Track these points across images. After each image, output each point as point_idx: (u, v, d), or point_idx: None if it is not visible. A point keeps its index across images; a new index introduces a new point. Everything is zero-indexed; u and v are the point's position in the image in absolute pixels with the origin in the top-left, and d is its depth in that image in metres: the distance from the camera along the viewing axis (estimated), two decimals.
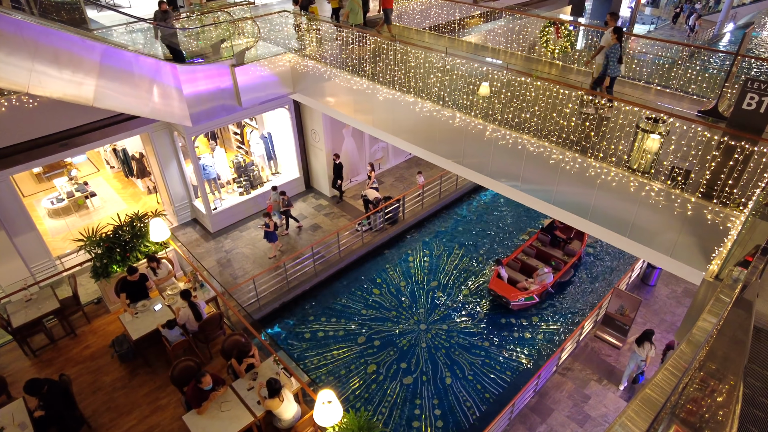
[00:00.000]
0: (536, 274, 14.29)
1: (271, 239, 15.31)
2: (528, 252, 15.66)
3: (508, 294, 13.72)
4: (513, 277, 14.69)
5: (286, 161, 18.80)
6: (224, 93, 13.37)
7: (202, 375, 7.27)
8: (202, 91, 12.86)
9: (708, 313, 4.36)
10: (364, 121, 12.53)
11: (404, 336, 13.75)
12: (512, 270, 15.10)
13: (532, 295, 13.87)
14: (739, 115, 6.58)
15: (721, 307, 4.22)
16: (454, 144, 10.29)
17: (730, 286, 5.28)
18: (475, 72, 9.47)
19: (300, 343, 13.67)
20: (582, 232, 15.98)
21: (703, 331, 4.17)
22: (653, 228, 7.82)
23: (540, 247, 15.78)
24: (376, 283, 15.50)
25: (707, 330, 4.16)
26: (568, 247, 15.59)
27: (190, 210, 17.57)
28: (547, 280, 14.00)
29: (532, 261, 15.33)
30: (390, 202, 16.72)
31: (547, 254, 15.54)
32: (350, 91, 12.28)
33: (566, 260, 15.21)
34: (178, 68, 12.07)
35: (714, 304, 4.48)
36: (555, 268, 14.86)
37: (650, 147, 7.40)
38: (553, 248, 15.83)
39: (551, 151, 8.50)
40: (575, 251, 15.45)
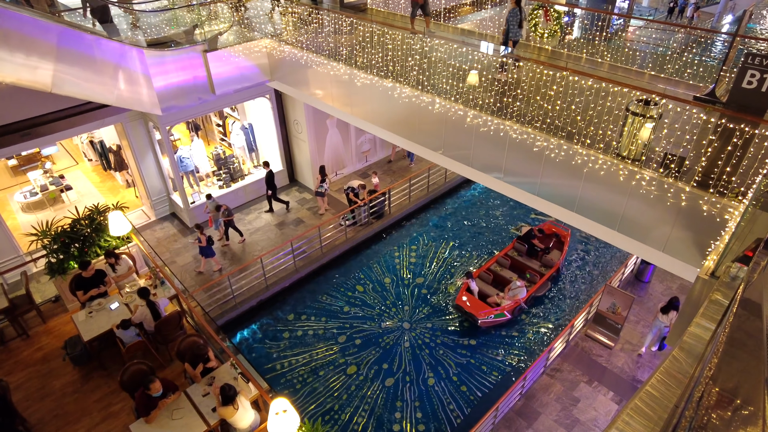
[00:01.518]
0: (508, 288, 13.06)
1: (207, 254, 13.87)
2: (502, 263, 14.36)
3: (476, 311, 12.50)
4: (484, 290, 13.42)
5: (268, 153, 18.12)
6: (197, 80, 12.68)
7: (151, 381, 6.64)
8: (172, 78, 12.17)
9: (701, 317, 3.75)
10: (342, 108, 11.88)
11: (387, 335, 13.14)
12: (483, 283, 13.81)
13: (503, 311, 12.66)
14: (739, 95, 5.94)
15: (715, 310, 3.60)
16: (434, 132, 9.65)
17: (727, 285, 4.66)
18: (454, 54, 8.82)
19: (277, 342, 13.06)
20: (562, 241, 15.10)
21: (695, 337, 3.56)
22: (644, 221, 7.20)
23: (516, 257, 14.56)
24: (359, 279, 14.88)
25: (700, 336, 3.54)
26: (546, 257, 14.34)
27: (168, 204, 16.90)
28: (519, 295, 12.77)
29: (506, 272, 14.01)
30: (375, 196, 16.07)
31: (523, 265, 14.34)
32: (328, 77, 11.61)
33: (543, 272, 13.98)
34: (146, 53, 11.38)
35: (708, 306, 3.87)
36: (530, 281, 13.66)
37: (641, 132, 6.77)
38: (529, 258, 14.56)
39: (535, 137, 7.87)
40: (553, 262, 14.22)
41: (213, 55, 12.50)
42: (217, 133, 20.06)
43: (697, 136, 6.39)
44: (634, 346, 11.89)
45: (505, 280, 13.75)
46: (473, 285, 13.06)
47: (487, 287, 13.61)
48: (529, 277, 13.78)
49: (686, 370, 3.65)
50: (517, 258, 14.53)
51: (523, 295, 12.79)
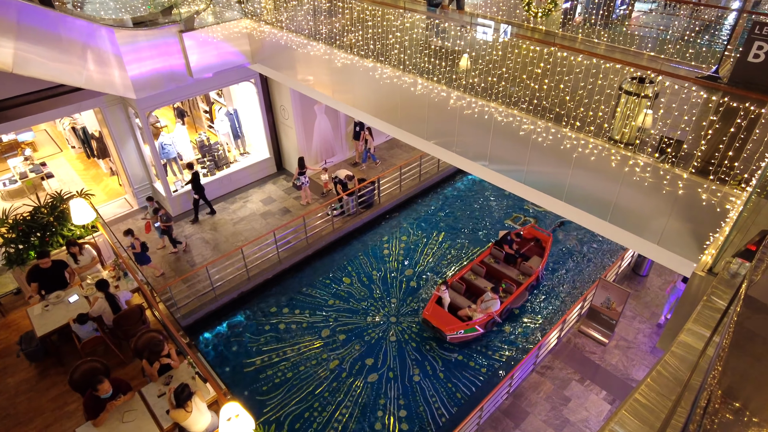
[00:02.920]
0: (481, 300, 11.93)
1: (141, 261, 12.47)
2: (477, 270, 13.27)
3: (444, 326, 11.44)
4: (455, 302, 12.26)
5: (255, 140, 17.53)
6: (173, 63, 12.08)
7: (99, 381, 6.13)
8: (146, 60, 11.57)
9: (694, 323, 3.18)
10: (323, 91, 11.26)
11: (372, 329, 12.63)
12: (455, 293, 12.61)
13: (475, 326, 11.60)
14: (744, 71, 5.32)
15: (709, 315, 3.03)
16: (416, 116, 9.04)
17: (726, 282, 4.08)
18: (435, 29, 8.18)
19: (259, 336, 12.56)
20: (543, 247, 13.97)
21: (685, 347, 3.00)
22: (638, 211, 6.61)
23: (492, 264, 13.41)
24: (346, 271, 14.34)
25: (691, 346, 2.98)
26: (524, 264, 13.09)
27: (151, 192, 16.34)
28: (493, 308, 11.64)
29: (481, 281, 12.93)
30: (364, 184, 15.48)
31: (500, 273, 13.18)
32: (308, 58, 10.99)
33: (521, 281, 12.80)
34: (116, 33, 10.77)
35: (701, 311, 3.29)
36: (506, 291, 12.50)
37: (635, 113, 6.16)
38: (507, 265, 13.36)
39: (521, 120, 7.26)
40: (532, 270, 12.96)
41: (189, 35, 11.88)
42: (205, 120, 19.47)
43: (696, 117, 5.78)
44: (629, 343, 11.35)
45: (479, 290, 12.66)
46: (445, 295, 11.99)
47: (459, 298, 12.44)
48: (504, 287, 12.58)
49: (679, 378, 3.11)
50: (493, 265, 13.38)
51: (496, 308, 11.67)
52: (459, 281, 12.95)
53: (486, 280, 13.01)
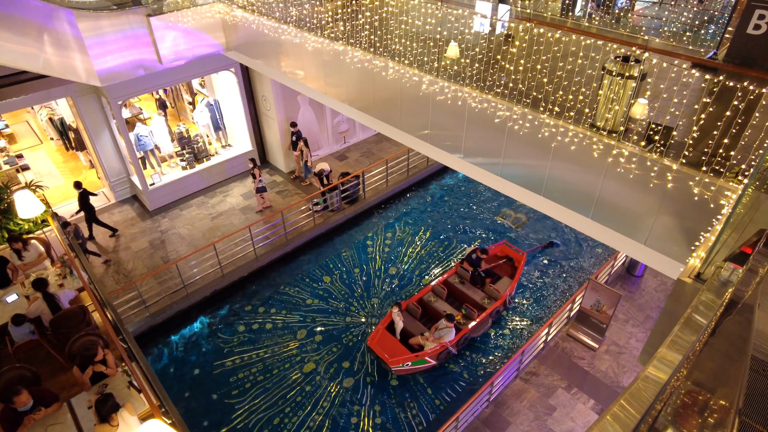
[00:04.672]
0: (435, 328, 10.65)
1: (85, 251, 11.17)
2: (438, 292, 11.90)
3: (388, 356, 10.29)
4: (408, 327, 10.99)
5: (237, 132, 16.87)
6: (141, 48, 11.41)
7: (16, 393, 5.51)
8: (111, 44, 10.91)
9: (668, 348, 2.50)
10: (294, 77, 10.58)
11: (351, 330, 11.98)
12: (410, 317, 11.34)
13: (425, 357, 10.35)
14: (742, 45, 4.61)
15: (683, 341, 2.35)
16: (388, 102, 8.36)
17: (716, 291, 3.38)
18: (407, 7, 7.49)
19: (231, 336, 11.94)
20: (515, 266, 12.62)
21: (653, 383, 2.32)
22: (623, 207, 5.92)
23: (456, 284, 12.05)
24: (327, 269, 13.69)
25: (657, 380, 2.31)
26: (491, 287, 11.74)
27: (129, 186, 15.74)
28: (446, 337, 10.34)
29: (441, 304, 11.60)
30: (347, 178, 14.81)
31: (463, 296, 11.87)
32: (279, 42, 10.31)
33: (485, 305, 11.44)
34: (75, 15, 10.10)
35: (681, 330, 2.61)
36: (466, 317, 11.16)
37: (620, 96, 5.46)
38: (473, 287, 11.97)
39: (496, 106, 6.56)
40: (499, 294, 11.59)
41: (158, 19, 11.21)
42: (189, 111, 18.82)
43: (687, 100, 5.07)
44: (621, 348, 10.66)
45: (438, 314, 11.30)
46: (398, 320, 10.78)
47: (413, 324, 11.17)
48: (464, 312, 11.28)
49: None
50: (457, 285, 12.03)
51: (450, 338, 10.39)
52: (415, 304, 11.52)
53: (447, 303, 11.69)
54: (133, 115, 18.17)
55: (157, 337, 11.88)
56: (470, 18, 6.74)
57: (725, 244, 4.52)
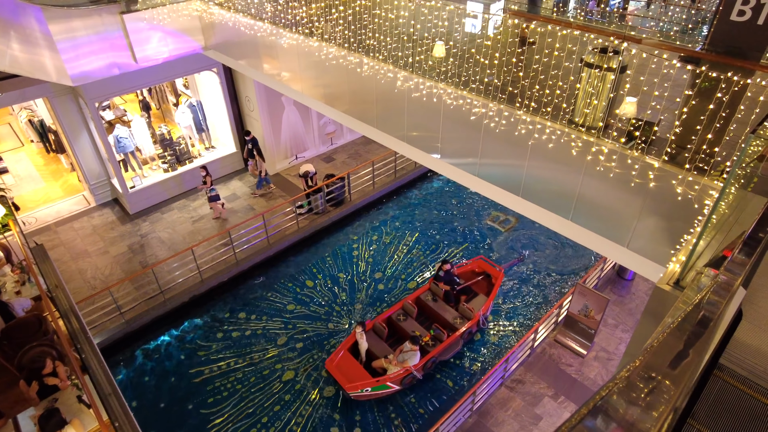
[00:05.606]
0: (400, 350, 9.96)
1: None
2: (408, 309, 11.16)
3: (345, 381, 9.67)
4: (373, 349, 10.31)
5: (220, 134, 16.52)
6: (114, 46, 11.08)
7: None
8: (82, 42, 10.58)
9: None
10: (271, 75, 10.26)
11: (334, 336, 11.61)
12: (376, 337, 10.63)
13: (387, 382, 9.68)
14: (726, 32, 4.29)
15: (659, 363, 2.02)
16: (364, 100, 8.03)
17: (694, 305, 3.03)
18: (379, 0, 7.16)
19: (209, 343, 11.56)
20: (492, 284, 11.87)
21: None
22: (604, 207, 5.59)
23: (428, 302, 11.36)
24: (311, 273, 13.32)
25: None
26: (465, 305, 11.07)
27: (110, 189, 15.36)
28: (410, 361, 9.64)
29: (410, 324, 10.89)
30: (332, 180, 14.46)
31: (435, 314, 11.18)
32: (255, 39, 9.97)
33: (457, 325, 10.72)
34: (43, 12, 9.76)
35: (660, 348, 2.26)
36: (435, 339, 10.46)
37: (599, 89, 5.13)
38: (446, 305, 11.31)
39: (471, 102, 6.23)
40: (472, 313, 10.87)
41: (132, 17, 10.88)
42: (174, 113, 18.46)
43: (668, 93, 4.75)
44: (610, 354, 10.32)
45: (406, 334, 10.56)
46: (362, 340, 10.10)
47: (378, 344, 10.45)
48: (433, 333, 10.55)
49: None
50: (429, 303, 11.32)
51: (414, 362, 9.67)
52: (382, 323, 10.76)
53: (417, 323, 10.98)
54: (117, 116, 17.80)
55: (133, 345, 11.49)
56: (443, 10, 6.42)
57: (709, 246, 4.19)
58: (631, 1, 16.85)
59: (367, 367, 10.05)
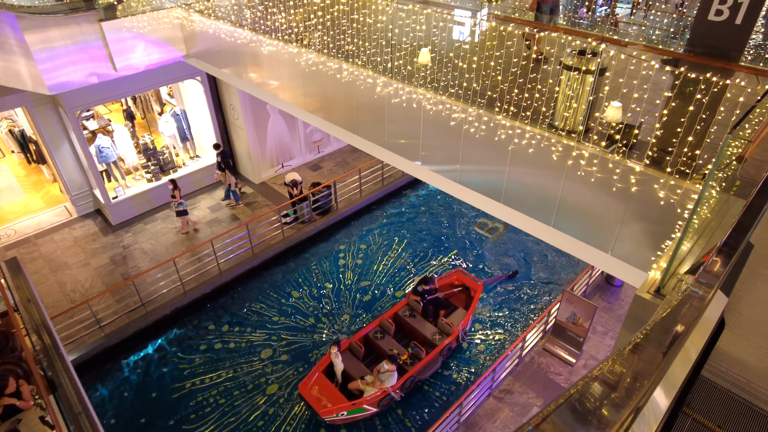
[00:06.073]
0: (377, 371, 9.55)
1: None
2: (386, 326, 10.73)
3: (319, 406, 9.27)
4: (349, 369, 9.89)
5: (205, 143, 16.31)
6: (93, 54, 10.89)
7: None
8: (60, 50, 10.40)
9: None
10: (252, 83, 10.10)
11: (319, 348, 11.37)
12: (353, 357, 10.20)
13: (363, 405, 9.29)
14: (704, 33, 4.19)
15: None
16: (345, 107, 7.89)
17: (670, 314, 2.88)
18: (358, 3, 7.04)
19: (192, 356, 11.28)
20: (471, 297, 11.47)
21: None
22: (586, 213, 5.45)
23: (406, 318, 10.96)
24: (296, 284, 13.10)
25: None
26: (444, 320, 10.68)
27: (92, 199, 15.08)
28: (387, 382, 9.20)
29: (388, 342, 10.42)
30: (318, 188, 14.29)
31: (413, 330, 10.78)
32: (236, 46, 9.83)
33: (436, 342, 10.37)
34: (18, 19, 9.57)
35: None
36: (413, 357, 10.08)
37: (579, 92, 5.01)
38: (424, 320, 10.90)
39: (451, 107, 6.10)
40: (452, 329, 10.50)
41: (111, 25, 10.71)
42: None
43: (648, 95, 4.64)
44: (600, 363, 10.14)
45: (384, 352, 10.11)
46: (337, 361, 9.65)
47: (354, 365, 10.02)
48: (411, 351, 10.15)
49: None
50: (407, 319, 10.92)
51: (392, 383, 9.26)
52: (358, 342, 10.34)
53: (394, 340, 10.55)
54: (101, 126, 17.56)
55: (112, 359, 11.18)
56: (420, 14, 6.31)
57: (692, 252, 4.05)
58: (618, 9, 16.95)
59: (343, 390, 9.64)
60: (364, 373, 9.82)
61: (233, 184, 14.69)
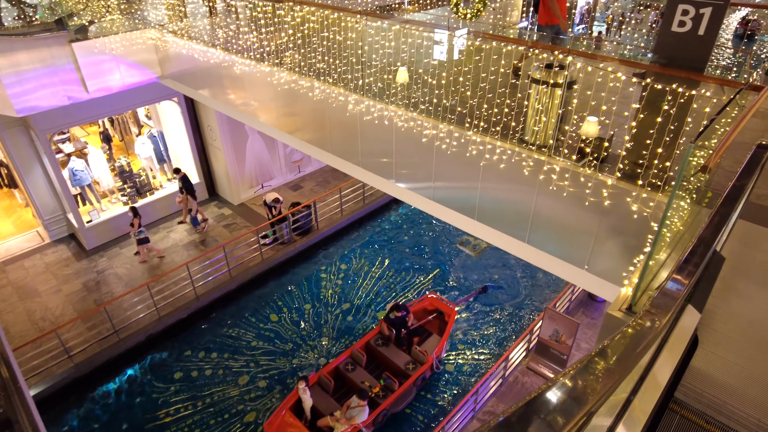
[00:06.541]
0: (347, 406, 9.03)
1: None
2: (357, 358, 10.27)
3: None
4: (319, 405, 9.40)
5: (183, 164, 16.08)
6: (64, 75, 10.70)
7: None
8: (28, 71, 10.19)
9: None
10: (228, 103, 9.97)
11: (298, 373, 11.04)
12: (322, 392, 9.67)
13: None
14: (668, 44, 4.15)
15: None
16: (319, 125, 7.77)
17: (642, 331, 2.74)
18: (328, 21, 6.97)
19: (167, 385, 10.86)
20: (446, 321, 11.07)
21: None
22: (560, 228, 5.35)
23: (378, 348, 10.53)
24: (275, 307, 12.78)
25: None
26: (417, 348, 10.29)
27: (66, 224, 14.69)
28: (359, 418, 8.75)
29: (359, 374, 9.92)
30: (298, 208, 14.09)
31: (385, 360, 10.32)
32: (210, 67, 9.72)
33: (409, 372, 9.94)
34: None
35: None
36: (385, 389, 9.60)
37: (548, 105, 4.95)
38: (398, 349, 10.46)
39: (422, 124, 6.01)
40: (425, 357, 10.10)
41: (82, 46, 10.54)
42: None
43: (616, 108, 4.58)
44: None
45: (355, 385, 9.66)
46: (306, 397, 9.11)
47: (324, 400, 9.51)
48: (383, 383, 9.64)
49: None
50: (379, 348, 10.46)
51: (363, 419, 8.78)
52: (327, 376, 9.78)
53: (366, 372, 10.06)
54: (77, 149, 17.24)
55: (82, 390, 10.72)
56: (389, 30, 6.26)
57: (665, 266, 3.94)
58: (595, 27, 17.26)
59: (312, 427, 9.11)
60: (334, 408, 9.30)
61: (194, 209, 14.26)
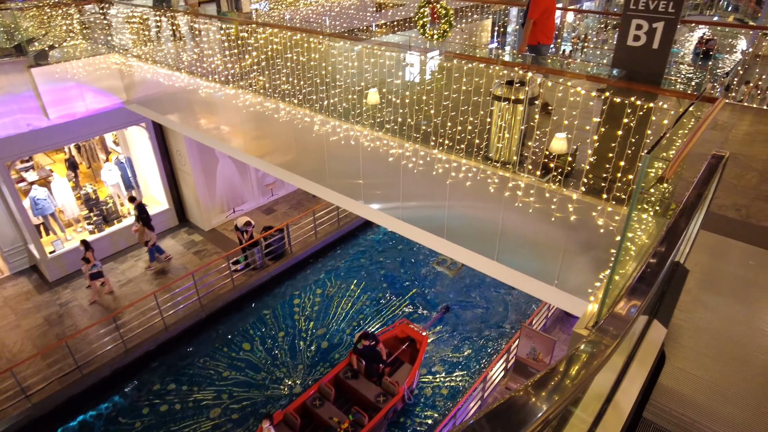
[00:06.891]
0: None
1: None
2: (325, 392, 9.84)
3: None
4: None
5: (152, 190, 15.72)
6: (22, 102, 10.39)
7: None
8: None
9: None
10: (194, 127, 9.79)
11: (272, 403, 10.66)
12: (288, 430, 9.26)
13: None
14: (625, 58, 4.18)
15: None
16: (286, 147, 7.64)
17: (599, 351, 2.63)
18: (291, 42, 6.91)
19: (134, 420, 10.35)
20: (417, 349, 10.70)
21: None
22: (528, 245, 5.28)
23: (347, 380, 10.11)
24: (247, 335, 12.40)
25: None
26: (388, 379, 9.91)
27: (27, 255, 14.10)
28: None
29: (327, 409, 9.50)
30: (270, 232, 13.84)
31: (355, 394, 9.93)
32: (175, 91, 9.55)
33: (380, 404, 9.55)
34: None
35: None
36: (355, 424, 9.21)
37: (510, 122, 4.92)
38: (368, 381, 10.06)
39: (388, 143, 5.93)
40: (396, 389, 9.74)
41: (42, 71, 10.27)
42: None
43: (577, 122, 4.57)
44: None
45: (323, 422, 9.31)
46: None
47: None
48: (352, 418, 9.26)
49: None
50: (348, 381, 10.07)
51: None
52: (293, 413, 9.33)
53: (335, 407, 9.65)
54: (42, 177, 16.72)
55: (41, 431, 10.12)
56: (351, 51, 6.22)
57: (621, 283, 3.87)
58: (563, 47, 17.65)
59: None
60: None
61: (152, 240, 13.58)
